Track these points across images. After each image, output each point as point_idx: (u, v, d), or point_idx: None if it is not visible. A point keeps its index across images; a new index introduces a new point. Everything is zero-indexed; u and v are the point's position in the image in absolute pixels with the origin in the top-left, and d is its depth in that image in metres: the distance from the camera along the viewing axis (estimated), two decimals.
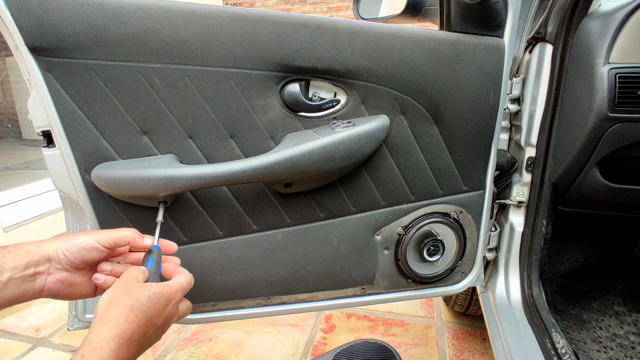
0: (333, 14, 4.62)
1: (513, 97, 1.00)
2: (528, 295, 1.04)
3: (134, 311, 0.51)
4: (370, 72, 0.78)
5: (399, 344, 1.53)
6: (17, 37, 0.64)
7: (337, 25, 0.74)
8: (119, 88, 0.71)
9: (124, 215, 0.79)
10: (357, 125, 0.78)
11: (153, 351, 1.52)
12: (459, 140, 0.86)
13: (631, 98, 0.82)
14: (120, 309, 0.51)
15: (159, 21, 0.68)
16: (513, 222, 1.06)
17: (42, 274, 0.57)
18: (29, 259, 0.56)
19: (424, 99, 0.81)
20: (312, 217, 0.87)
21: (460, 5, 0.77)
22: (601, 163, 0.92)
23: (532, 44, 0.98)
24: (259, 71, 0.74)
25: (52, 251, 0.58)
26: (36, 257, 0.57)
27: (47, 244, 0.58)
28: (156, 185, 0.71)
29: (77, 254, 0.59)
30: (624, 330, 1.14)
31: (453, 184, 0.90)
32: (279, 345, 1.54)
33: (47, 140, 0.74)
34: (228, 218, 0.83)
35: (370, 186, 0.87)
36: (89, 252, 0.59)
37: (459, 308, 1.57)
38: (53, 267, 0.58)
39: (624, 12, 0.81)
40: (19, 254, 0.55)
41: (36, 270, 0.57)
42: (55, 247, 0.58)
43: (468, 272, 1.01)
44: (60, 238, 0.59)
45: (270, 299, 0.93)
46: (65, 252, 0.58)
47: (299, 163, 0.74)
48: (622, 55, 0.82)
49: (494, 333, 1.02)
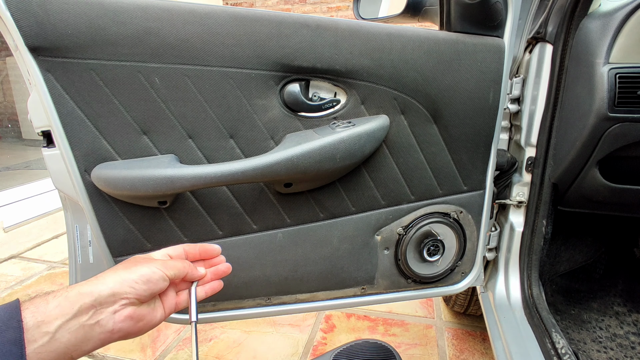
0: (333, 14, 4.62)
1: (513, 97, 1.00)
2: (528, 295, 1.04)
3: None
4: (370, 72, 0.78)
5: (399, 344, 1.53)
6: (17, 37, 0.64)
7: (337, 25, 0.74)
8: (119, 88, 0.71)
9: (123, 216, 0.79)
10: (357, 125, 0.78)
11: (153, 351, 1.52)
12: (458, 140, 0.86)
13: (631, 98, 0.82)
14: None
15: (159, 21, 0.68)
16: (513, 222, 1.06)
17: (106, 314, 0.50)
18: (83, 301, 0.48)
19: (424, 99, 0.81)
20: (312, 217, 0.87)
21: (460, 5, 0.77)
22: (601, 163, 0.91)
23: (532, 44, 0.98)
24: (258, 71, 0.74)
25: (115, 286, 0.51)
26: (92, 297, 0.49)
27: (105, 279, 0.51)
28: (156, 185, 0.71)
29: (146, 285, 0.53)
30: (624, 330, 1.14)
31: (453, 184, 0.90)
32: (279, 346, 1.54)
33: (47, 140, 0.74)
34: (228, 218, 0.83)
35: (370, 186, 0.87)
36: (157, 282, 0.54)
37: (459, 308, 1.57)
38: (119, 304, 0.51)
39: (624, 12, 0.81)
40: (67, 298, 0.48)
41: (97, 311, 0.49)
42: (119, 281, 0.51)
43: (468, 272, 1.01)
44: (119, 270, 0.53)
45: (270, 299, 0.93)
46: (134, 285, 0.52)
47: (299, 163, 0.74)
48: (622, 55, 0.82)
49: (494, 333, 1.01)
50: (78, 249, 0.88)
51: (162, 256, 0.59)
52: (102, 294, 0.49)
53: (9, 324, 0.43)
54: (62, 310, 0.47)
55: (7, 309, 0.44)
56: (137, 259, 0.57)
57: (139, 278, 0.52)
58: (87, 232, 0.87)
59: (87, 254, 0.88)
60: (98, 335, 0.49)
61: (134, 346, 1.55)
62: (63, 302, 0.47)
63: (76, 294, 0.48)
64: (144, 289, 0.53)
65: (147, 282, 0.53)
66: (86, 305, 0.48)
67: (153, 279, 0.53)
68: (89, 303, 0.48)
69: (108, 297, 0.50)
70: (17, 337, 0.42)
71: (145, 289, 0.53)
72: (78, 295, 0.48)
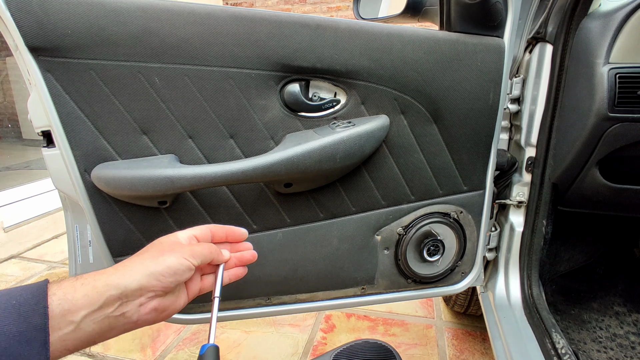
0: (333, 14, 4.62)
1: (513, 97, 1.00)
2: (528, 295, 1.04)
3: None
4: (370, 72, 0.78)
5: (399, 344, 1.53)
6: (17, 37, 0.64)
7: (337, 25, 0.74)
8: (118, 88, 0.71)
9: (123, 216, 0.79)
10: (357, 125, 0.78)
11: (153, 351, 1.52)
12: (459, 140, 0.86)
13: (631, 98, 0.82)
14: None
15: (159, 21, 0.68)
16: (513, 222, 1.06)
17: (131, 307, 0.49)
18: (110, 293, 0.48)
19: (423, 99, 0.81)
20: (312, 217, 0.87)
21: (460, 5, 0.77)
22: (601, 163, 0.91)
23: (532, 44, 0.98)
24: (258, 71, 0.74)
25: (143, 279, 0.50)
26: (119, 290, 0.48)
27: (132, 271, 0.50)
28: (156, 185, 0.71)
29: (173, 277, 0.52)
30: (624, 330, 1.14)
31: (453, 184, 0.90)
32: (279, 345, 1.54)
33: (47, 140, 0.74)
34: (228, 218, 0.83)
35: (370, 186, 0.87)
36: (183, 273, 0.53)
37: (459, 308, 1.57)
38: (145, 297, 0.51)
39: (624, 12, 0.81)
40: (95, 288, 0.47)
41: (124, 303, 0.49)
42: (146, 275, 0.50)
43: (468, 272, 1.01)
44: (146, 261, 0.52)
45: (270, 299, 0.93)
46: (161, 279, 0.51)
47: (299, 163, 0.74)
48: (622, 55, 0.82)
49: (494, 333, 1.01)
50: (78, 248, 0.88)
51: (189, 238, 0.58)
52: (129, 288, 0.49)
53: (35, 309, 0.43)
54: (89, 300, 0.46)
55: (35, 293, 0.44)
56: (163, 245, 0.55)
57: (166, 271, 0.51)
58: (87, 232, 0.87)
59: (87, 253, 0.89)
60: (122, 325, 0.50)
61: (134, 346, 1.55)
62: (90, 293, 0.47)
63: (104, 285, 0.48)
64: (171, 281, 0.52)
65: (173, 274, 0.52)
66: (113, 298, 0.48)
67: (180, 270, 0.52)
68: (115, 295, 0.48)
69: (135, 291, 0.49)
70: (42, 324, 0.43)
71: (171, 281, 0.52)
72: (105, 286, 0.48)
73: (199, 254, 0.55)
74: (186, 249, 0.55)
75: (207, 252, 0.57)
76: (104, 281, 0.48)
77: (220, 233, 0.63)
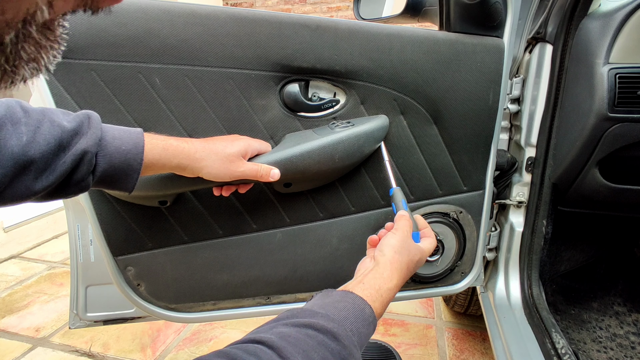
0: (333, 14, 4.62)
1: (513, 97, 1.00)
2: (528, 295, 1.04)
3: (407, 270, 0.65)
4: (369, 72, 0.78)
5: (399, 344, 1.53)
6: None
7: (336, 26, 0.74)
8: (119, 88, 0.71)
9: (124, 215, 0.79)
10: (357, 125, 0.78)
11: (153, 351, 1.52)
12: (458, 140, 0.86)
13: (631, 98, 0.82)
14: (402, 265, 0.64)
15: (160, 22, 0.68)
16: (513, 222, 1.06)
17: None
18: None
19: (423, 99, 0.81)
20: (311, 216, 0.87)
21: (460, 5, 0.77)
22: (601, 163, 0.92)
23: (532, 44, 0.98)
24: (258, 71, 0.74)
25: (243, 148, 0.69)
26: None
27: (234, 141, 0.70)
28: (157, 184, 0.71)
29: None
30: (624, 330, 1.14)
31: (453, 184, 0.90)
32: None
33: None
34: (228, 218, 0.83)
35: (369, 186, 0.87)
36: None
37: (459, 308, 1.57)
38: None
39: (624, 12, 0.81)
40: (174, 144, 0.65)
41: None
42: (244, 146, 0.69)
43: (468, 272, 1.01)
44: (243, 145, 0.69)
45: (270, 298, 0.93)
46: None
47: (299, 163, 0.74)
48: (622, 55, 0.82)
49: (494, 333, 1.02)
50: (79, 248, 0.88)
51: None
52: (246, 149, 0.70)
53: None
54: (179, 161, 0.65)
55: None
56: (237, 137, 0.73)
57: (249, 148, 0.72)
58: (88, 231, 0.87)
59: (89, 253, 0.89)
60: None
61: (134, 346, 1.55)
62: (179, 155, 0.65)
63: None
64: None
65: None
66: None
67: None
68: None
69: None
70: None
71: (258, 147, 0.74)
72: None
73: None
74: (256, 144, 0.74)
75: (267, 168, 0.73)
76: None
77: None
